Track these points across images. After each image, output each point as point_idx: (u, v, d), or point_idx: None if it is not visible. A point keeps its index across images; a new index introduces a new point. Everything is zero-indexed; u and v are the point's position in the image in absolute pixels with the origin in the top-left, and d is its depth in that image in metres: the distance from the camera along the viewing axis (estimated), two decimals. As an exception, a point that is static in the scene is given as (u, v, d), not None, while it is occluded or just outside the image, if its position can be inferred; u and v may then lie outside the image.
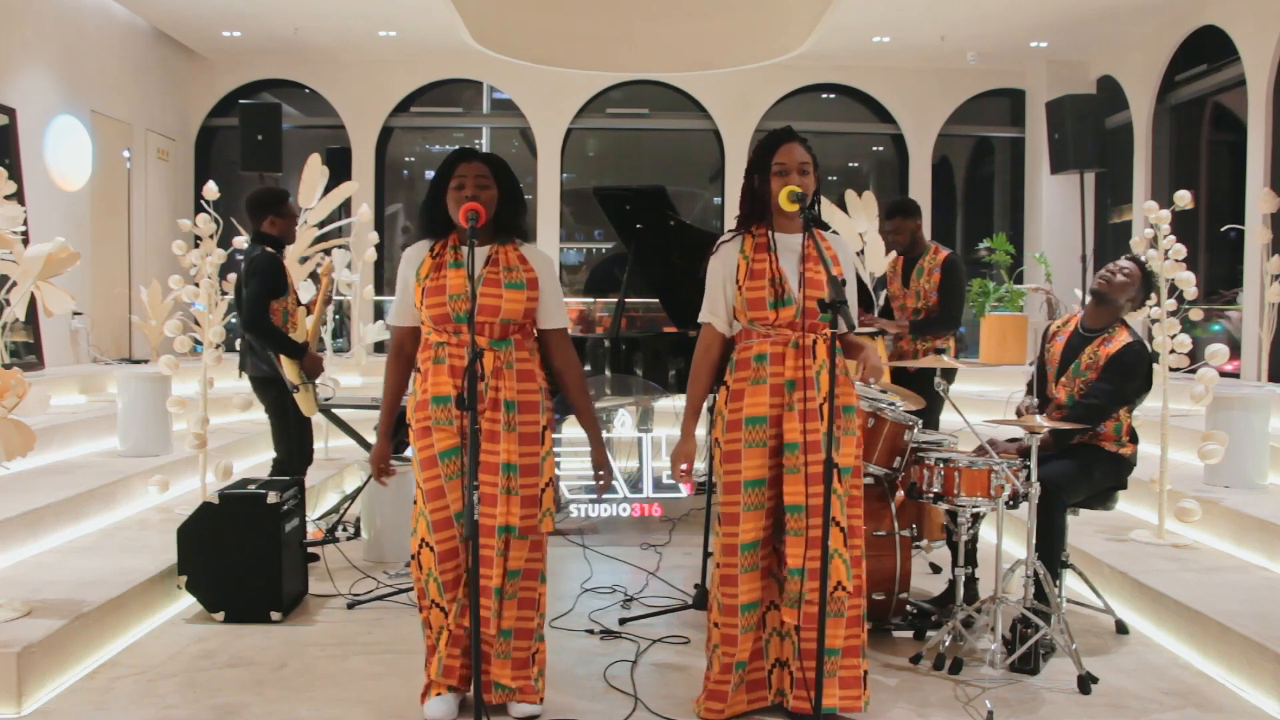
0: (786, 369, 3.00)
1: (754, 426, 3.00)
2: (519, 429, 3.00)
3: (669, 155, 12.02)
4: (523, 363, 3.05)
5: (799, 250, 3.03)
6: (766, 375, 3.00)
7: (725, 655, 3.06)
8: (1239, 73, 8.09)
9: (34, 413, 3.61)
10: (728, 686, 3.07)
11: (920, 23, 9.28)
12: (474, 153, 3.08)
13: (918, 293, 5.42)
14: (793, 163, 3.00)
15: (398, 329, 3.16)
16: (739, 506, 3.01)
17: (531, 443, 3.02)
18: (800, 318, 2.99)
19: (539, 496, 3.03)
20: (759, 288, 3.00)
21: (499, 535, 2.97)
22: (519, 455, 3.00)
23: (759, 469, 3.01)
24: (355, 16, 9.28)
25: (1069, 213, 10.13)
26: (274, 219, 4.76)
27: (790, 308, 2.98)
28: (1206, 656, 3.62)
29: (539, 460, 3.04)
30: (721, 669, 3.07)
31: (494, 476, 2.97)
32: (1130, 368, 3.84)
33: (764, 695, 3.14)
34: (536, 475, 3.03)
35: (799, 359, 2.99)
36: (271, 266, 4.64)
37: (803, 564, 2.94)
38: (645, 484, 5.88)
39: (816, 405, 2.96)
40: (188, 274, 5.02)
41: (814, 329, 3.01)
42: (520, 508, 2.99)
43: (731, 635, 3.05)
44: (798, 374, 2.99)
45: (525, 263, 3.07)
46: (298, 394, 4.72)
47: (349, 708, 3.22)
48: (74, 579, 3.90)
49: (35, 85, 7.70)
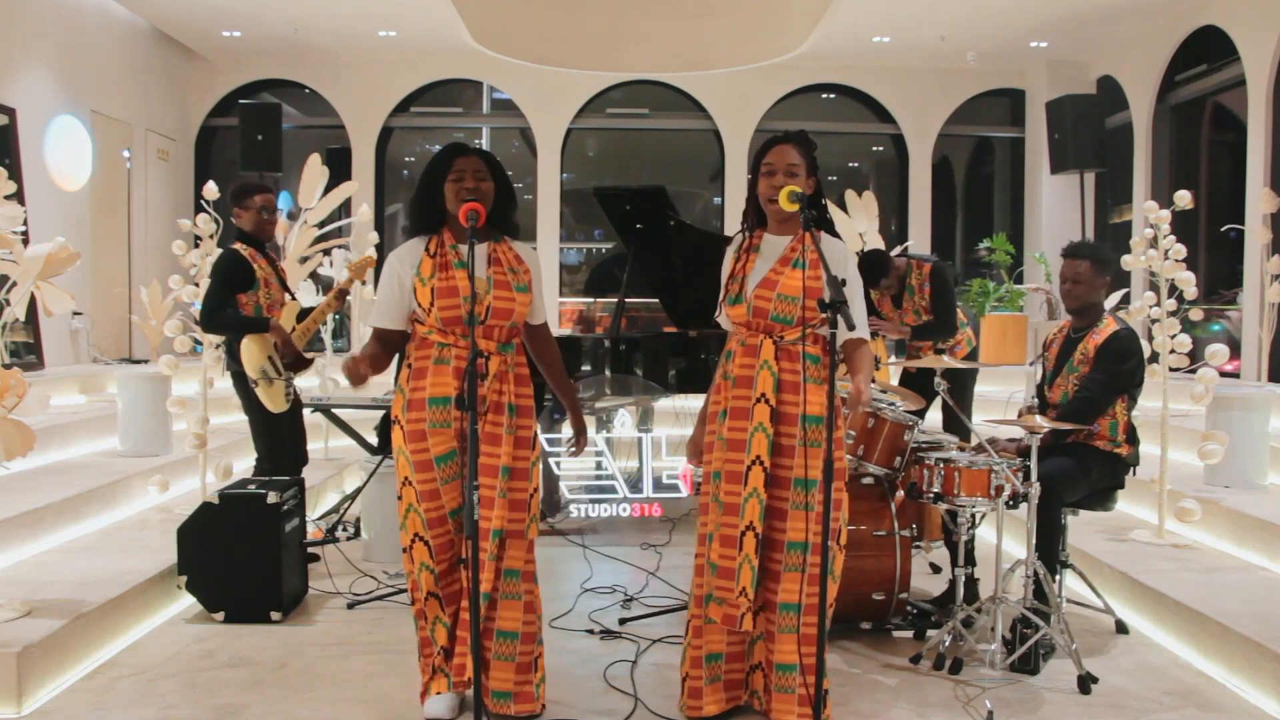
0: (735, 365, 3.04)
1: (722, 421, 3.04)
2: (516, 433, 3.01)
3: (669, 155, 12.02)
4: (520, 367, 3.07)
5: (781, 251, 3.05)
6: (733, 370, 3.04)
7: (695, 648, 3.06)
8: (1239, 73, 8.10)
9: (34, 413, 3.61)
10: (701, 682, 3.07)
11: (920, 23, 9.28)
12: (468, 147, 3.09)
13: (916, 311, 5.46)
14: (780, 164, 3.00)
15: (384, 331, 3.06)
16: (709, 497, 3.06)
17: (525, 447, 3.04)
18: (752, 317, 3.00)
19: (528, 501, 3.03)
20: (731, 286, 3.06)
21: (494, 539, 2.97)
22: (514, 459, 3.00)
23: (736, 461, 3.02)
24: (355, 16, 9.28)
25: (1069, 213, 10.14)
26: (238, 211, 4.69)
27: (739, 306, 3.01)
28: (1206, 656, 3.62)
29: (529, 465, 3.05)
30: (693, 663, 3.07)
31: (493, 479, 2.96)
32: (1119, 354, 3.85)
33: (739, 695, 3.14)
34: (526, 480, 3.04)
35: (742, 357, 3.03)
36: (229, 264, 4.57)
37: (798, 600, 2.93)
38: (645, 484, 5.88)
39: (749, 405, 2.97)
40: (188, 274, 5.02)
41: (768, 330, 2.99)
42: (509, 511, 2.99)
43: (699, 627, 3.06)
44: (739, 371, 3.02)
45: (521, 263, 3.08)
46: (259, 389, 4.51)
47: (349, 708, 3.22)
48: (74, 579, 3.90)
49: (35, 85, 7.70)
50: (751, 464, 2.94)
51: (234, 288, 4.55)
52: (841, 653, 3.74)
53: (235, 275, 4.56)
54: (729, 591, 2.94)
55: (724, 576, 2.95)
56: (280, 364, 4.57)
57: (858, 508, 3.89)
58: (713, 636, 3.06)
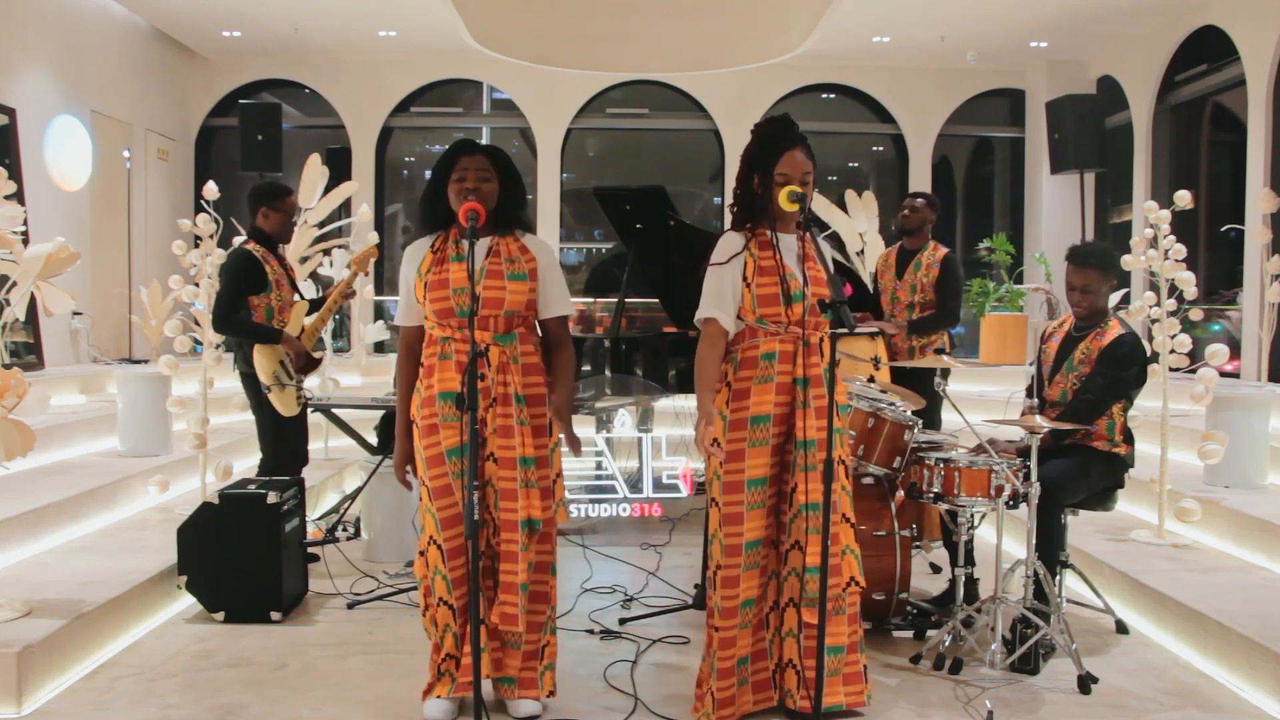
0: (798, 367, 3.01)
1: (759, 425, 3.01)
2: (530, 422, 3.02)
3: (669, 155, 12.02)
4: (527, 356, 3.05)
5: (797, 249, 3.07)
6: (775, 373, 3.01)
7: (724, 659, 3.04)
8: (1239, 73, 8.09)
9: (34, 413, 3.61)
10: (732, 690, 3.06)
11: (920, 23, 9.28)
12: (475, 145, 3.07)
13: (913, 286, 5.39)
14: (796, 174, 3.01)
15: (405, 329, 3.16)
16: (743, 506, 3.01)
17: (541, 435, 3.05)
18: (808, 315, 3.02)
19: (552, 488, 3.07)
20: (770, 284, 3.00)
21: (522, 530, 2.97)
22: (534, 448, 3.01)
23: (762, 467, 3.02)
24: (355, 16, 9.28)
25: (1069, 213, 10.13)
26: (267, 211, 4.70)
27: (800, 304, 3.00)
28: (1206, 656, 3.62)
29: (549, 452, 3.07)
30: (721, 674, 3.04)
31: (512, 471, 2.97)
32: (1123, 359, 3.84)
33: (770, 695, 3.13)
34: (548, 467, 3.07)
35: (808, 356, 3.02)
36: (242, 264, 4.57)
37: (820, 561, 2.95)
38: (645, 484, 5.88)
39: (826, 403, 2.97)
40: (188, 274, 5.01)
41: (818, 327, 3.04)
42: (540, 499, 3.01)
43: (730, 638, 3.04)
44: (808, 371, 3.01)
45: (526, 252, 3.07)
46: (272, 394, 4.55)
47: (349, 708, 3.22)
48: (74, 579, 3.90)
49: (35, 85, 7.70)
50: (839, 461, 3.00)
51: (247, 289, 4.55)
52: (841, 653, 3.73)
53: (249, 277, 4.57)
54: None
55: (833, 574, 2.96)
56: (292, 369, 4.61)
57: (858, 508, 3.88)
58: (742, 642, 3.06)
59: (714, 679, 3.04)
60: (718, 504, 3.04)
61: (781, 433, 3.04)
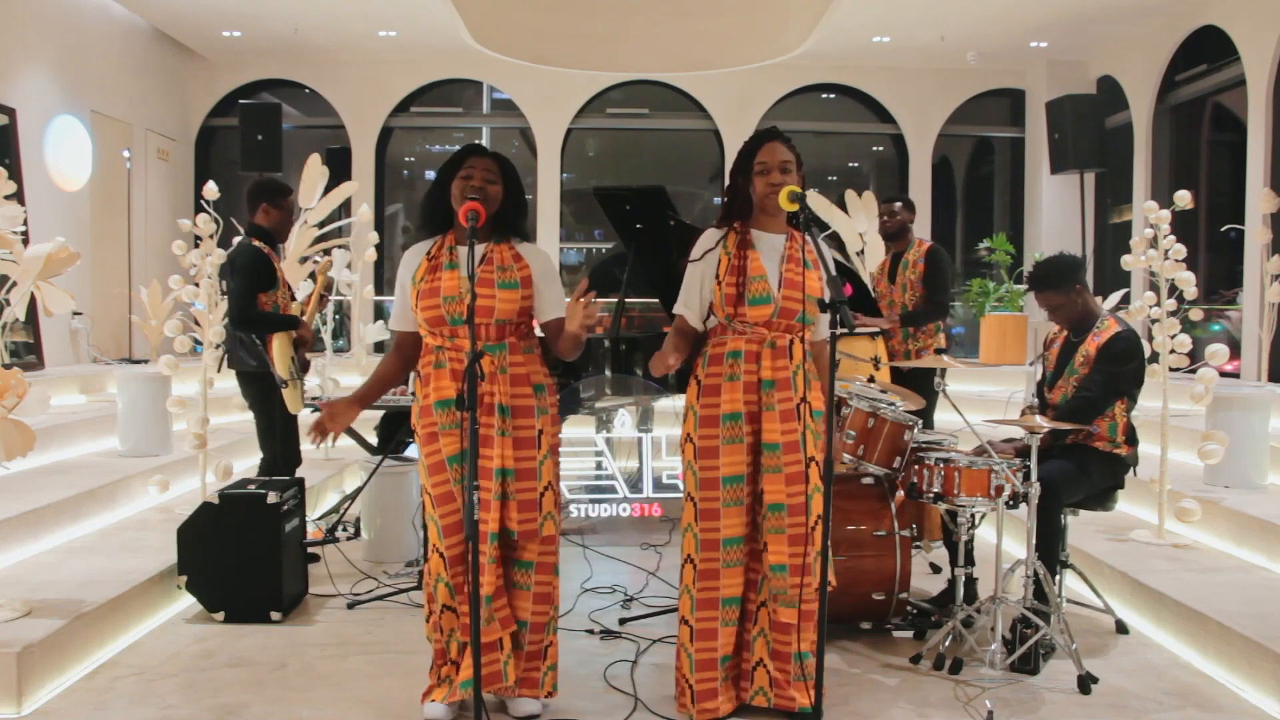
0: (763, 368, 3.02)
1: (731, 423, 3.02)
2: (513, 434, 2.99)
3: (669, 155, 12.03)
4: (516, 366, 3.03)
5: (781, 250, 3.07)
6: (740, 372, 3.02)
7: (704, 651, 3.04)
8: (1239, 73, 8.10)
9: (34, 413, 3.61)
10: (715, 683, 3.06)
11: (920, 23, 9.28)
12: (484, 149, 3.09)
13: (903, 285, 5.43)
14: (774, 161, 3.03)
15: (398, 333, 3.16)
16: (719, 502, 3.03)
17: (527, 447, 3.01)
18: (776, 318, 3.01)
19: (538, 500, 3.02)
20: (738, 284, 3.02)
21: (491, 541, 2.96)
22: (514, 460, 2.99)
23: (738, 465, 3.03)
24: (355, 16, 9.28)
25: (1069, 213, 10.14)
26: (268, 208, 4.70)
27: (766, 306, 3.01)
28: (1206, 656, 3.62)
29: (536, 464, 3.02)
30: (701, 665, 3.05)
31: (488, 482, 2.95)
32: (1121, 354, 3.84)
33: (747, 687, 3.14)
34: (534, 479, 3.01)
35: (774, 359, 3.02)
36: (253, 261, 4.57)
37: (786, 560, 2.96)
38: (645, 484, 5.88)
39: (793, 406, 3.00)
40: (188, 274, 5.01)
41: (790, 330, 3.04)
42: (518, 512, 2.99)
43: (711, 629, 3.05)
44: (774, 374, 3.01)
45: (519, 260, 3.05)
46: (285, 390, 4.57)
47: (349, 708, 3.22)
48: (74, 579, 3.90)
49: (35, 85, 7.70)
50: (809, 462, 3.00)
51: (259, 286, 4.55)
52: (841, 653, 3.73)
53: (262, 273, 4.58)
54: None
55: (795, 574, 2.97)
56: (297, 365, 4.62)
57: (858, 507, 3.89)
58: (725, 640, 3.06)
59: (695, 671, 3.05)
60: (694, 499, 3.07)
61: (755, 431, 3.04)
